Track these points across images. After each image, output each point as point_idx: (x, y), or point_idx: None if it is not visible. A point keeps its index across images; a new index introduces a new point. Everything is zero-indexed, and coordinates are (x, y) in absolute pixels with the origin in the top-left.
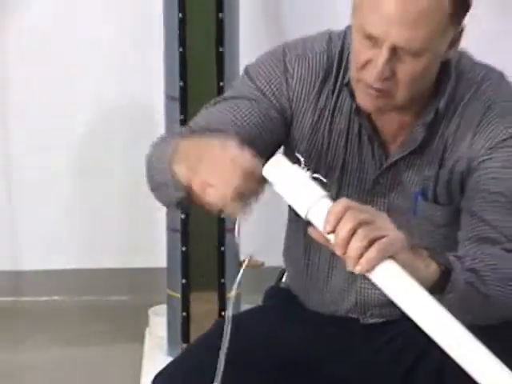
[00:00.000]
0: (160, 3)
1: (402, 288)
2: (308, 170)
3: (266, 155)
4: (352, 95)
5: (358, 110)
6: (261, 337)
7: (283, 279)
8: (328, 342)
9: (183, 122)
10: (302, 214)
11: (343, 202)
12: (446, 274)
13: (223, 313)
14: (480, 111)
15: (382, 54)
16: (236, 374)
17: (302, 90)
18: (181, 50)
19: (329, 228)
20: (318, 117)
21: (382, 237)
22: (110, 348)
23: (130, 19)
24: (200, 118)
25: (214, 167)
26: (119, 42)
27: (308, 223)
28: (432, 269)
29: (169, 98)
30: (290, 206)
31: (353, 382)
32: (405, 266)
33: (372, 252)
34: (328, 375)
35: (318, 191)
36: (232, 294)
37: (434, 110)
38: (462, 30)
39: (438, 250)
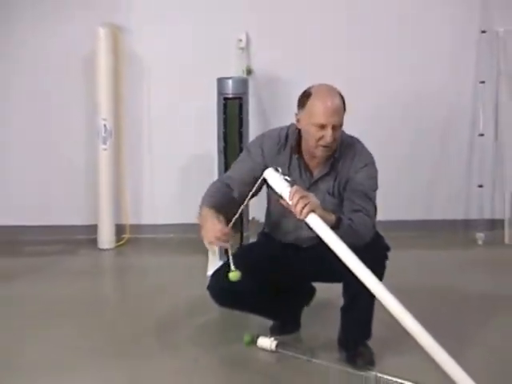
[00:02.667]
0: (215, 109)
1: (318, 226)
2: (283, 174)
3: (256, 182)
4: (292, 151)
5: (298, 157)
6: (256, 251)
7: (266, 228)
8: (286, 253)
9: (225, 163)
10: (279, 193)
11: (295, 187)
12: (338, 220)
13: (242, 243)
14: (352, 157)
15: (329, 131)
16: (244, 266)
17: (268, 153)
18: (223, 130)
19: (289, 199)
20: (277, 162)
21: (309, 202)
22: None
23: (203, 114)
24: (229, 172)
25: (206, 229)
26: (197, 126)
27: (281, 197)
28: (333, 217)
29: (219, 151)
30: (270, 191)
31: (294, 270)
32: (320, 214)
33: (305, 209)
34: (286, 267)
35: (286, 184)
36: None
37: (333, 157)
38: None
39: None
